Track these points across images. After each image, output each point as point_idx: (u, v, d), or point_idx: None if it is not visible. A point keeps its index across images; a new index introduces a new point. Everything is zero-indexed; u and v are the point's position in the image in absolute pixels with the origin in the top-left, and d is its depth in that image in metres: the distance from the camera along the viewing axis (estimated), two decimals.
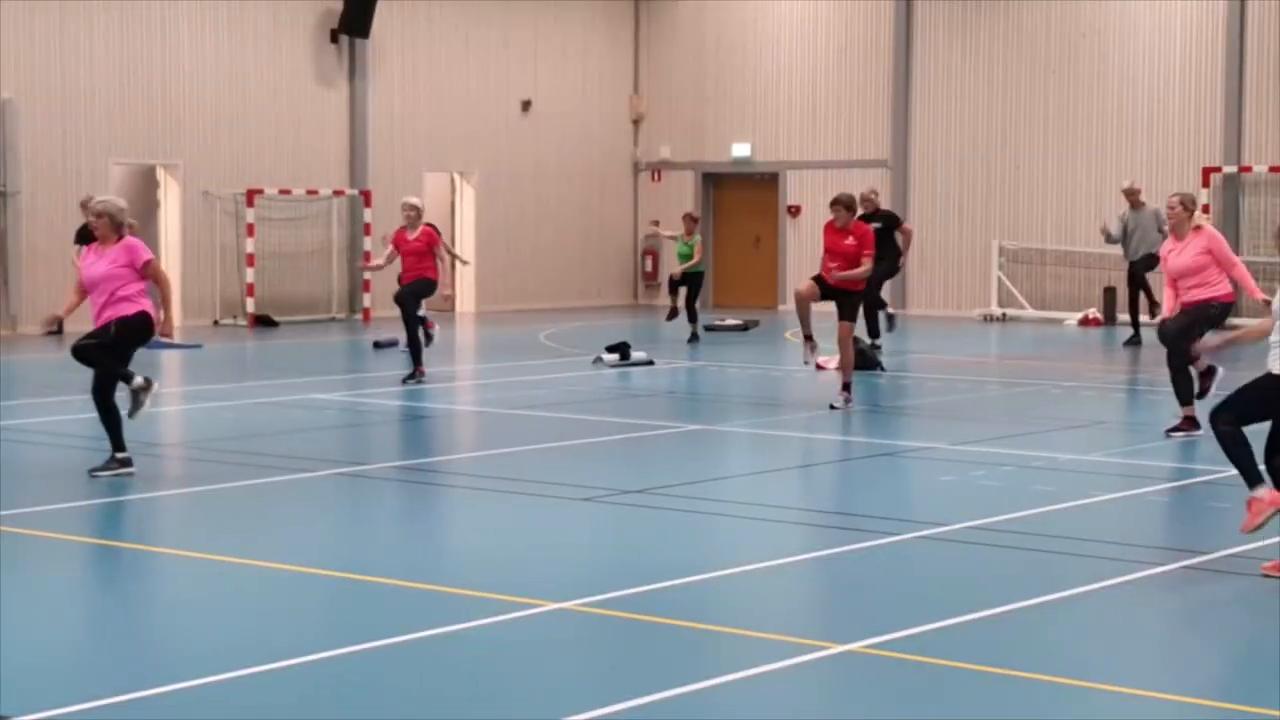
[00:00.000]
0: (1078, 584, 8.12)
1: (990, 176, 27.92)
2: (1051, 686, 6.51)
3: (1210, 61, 25.73)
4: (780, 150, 30.13)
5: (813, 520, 10.21)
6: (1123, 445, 13.20)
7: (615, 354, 19.27)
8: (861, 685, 6.60)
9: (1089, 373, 19.01)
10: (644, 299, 31.35)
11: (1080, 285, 26.95)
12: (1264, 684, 6.82)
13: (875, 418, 15.08)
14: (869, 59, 29.03)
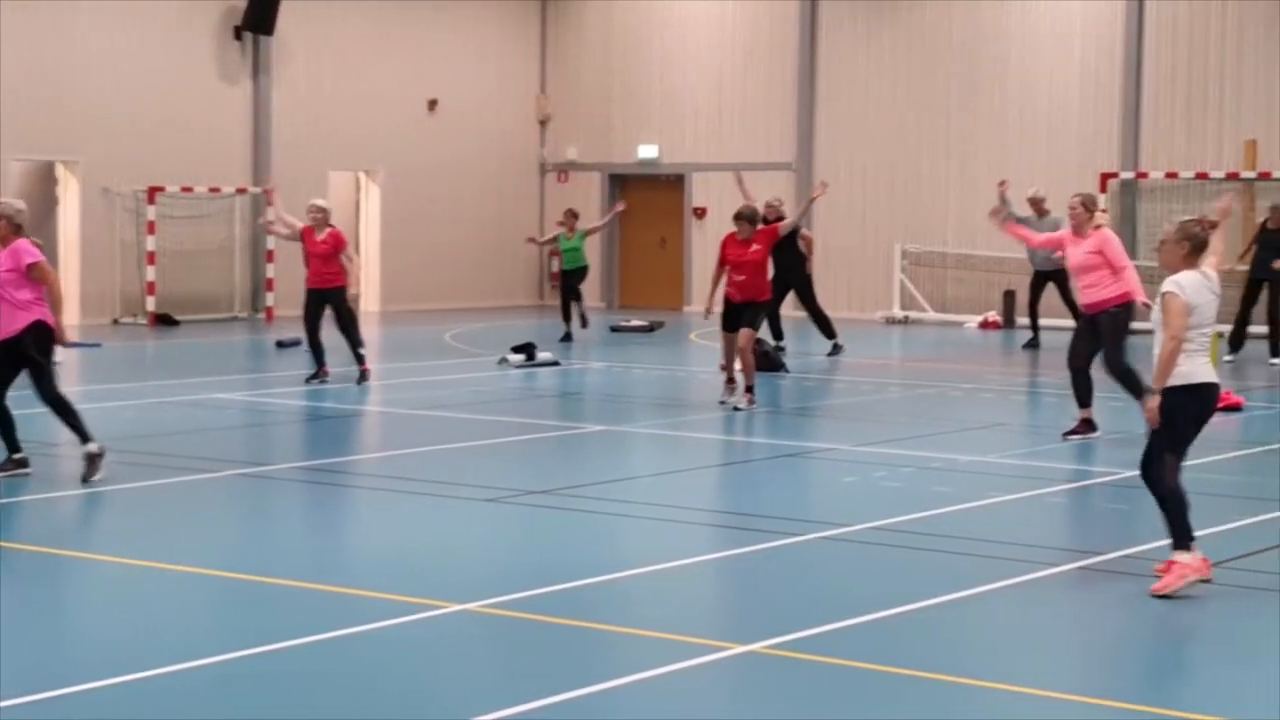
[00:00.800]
0: (976, 584, 8.24)
1: (893, 180, 28.17)
2: (950, 686, 6.61)
3: (1108, 69, 26.12)
4: (686, 152, 30.24)
5: (716, 521, 10.29)
6: (1021, 447, 13.39)
7: (521, 354, 19.27)
8: (763, 685, 6.67)
9: (989, 375, 19.25)
10: (550, 299, 31.34)
11: (981, 288, 27.26)
12: (1155, 683, 6.97)
13: (778, 419, 15.19)
14: (775, 62, 29.20)
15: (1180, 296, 8.26)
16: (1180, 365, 8.26)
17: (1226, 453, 12.71)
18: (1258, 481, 11.74)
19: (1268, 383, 18.23)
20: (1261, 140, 24.84)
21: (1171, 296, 8.27)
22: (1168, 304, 8.27)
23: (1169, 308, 8.25)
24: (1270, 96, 24.83)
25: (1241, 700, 6.44)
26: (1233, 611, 7.95)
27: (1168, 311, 8.25)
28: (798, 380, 18.16)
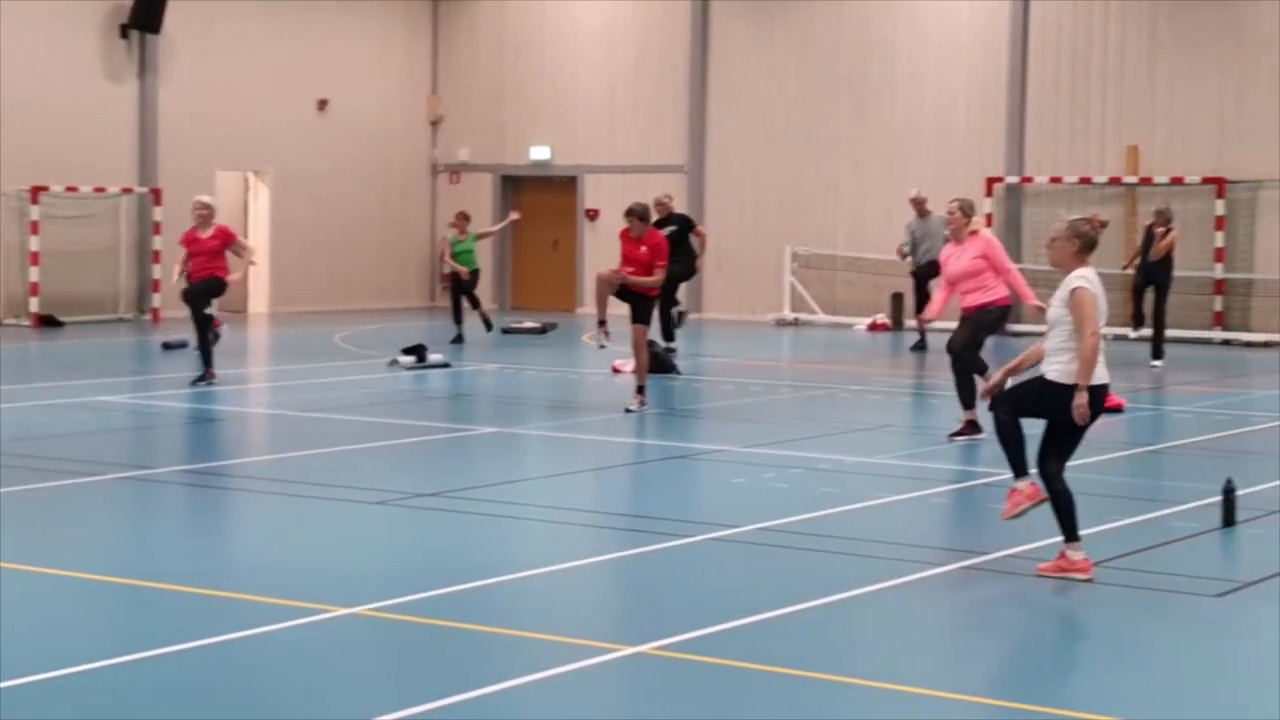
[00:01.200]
0: (862, 584, 8.32)
1: (783, 183, 28.36)
2: (836, 686, 6.67)
3: (994, 75, 26.47)
4: (579, 153, 30.25)
5: (606, 523, 10.30)
6: (908, 448, 13.54)
7: (411, 356, 19.18)
8: (651, 686, 6.70)
9: (876, 377, 19.44)
10: (441, 301, 31.21)
11: (869, 291, 27.52)
12: (1037, 681, 7.08)
13: (669, 420, 15.24)
14: (666, 64, 29.31)
15: (1090, 289, 8.43)
16: (1070, 364, 8.40)
17: (1109, 453, 12.92)
18: (1140, 482, 11.98)
19: (1149, 385, 18.57)
20: (1143, 146, 25.29)
21: (1084, 290, 8.42)
22: (1080, 298, 8.40)
23: (1083, 301, 8.39)
24: (1151, 103, 25.29)
25: (1124, 698, 6.55)
26: (1115, 610, 8.09)
27: (1082, 305, 8.38)
28: (689, 382, 18.24)
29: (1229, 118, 24.73)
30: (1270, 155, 24.40)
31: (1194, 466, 12.46)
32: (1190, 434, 14.38)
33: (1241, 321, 24.72)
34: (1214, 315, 24.72)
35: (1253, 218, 24.59)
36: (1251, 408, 16.65)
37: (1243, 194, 24.59)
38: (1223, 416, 15.69)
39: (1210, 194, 24.62)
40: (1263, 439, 14.26)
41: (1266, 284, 24.60)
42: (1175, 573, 8.74)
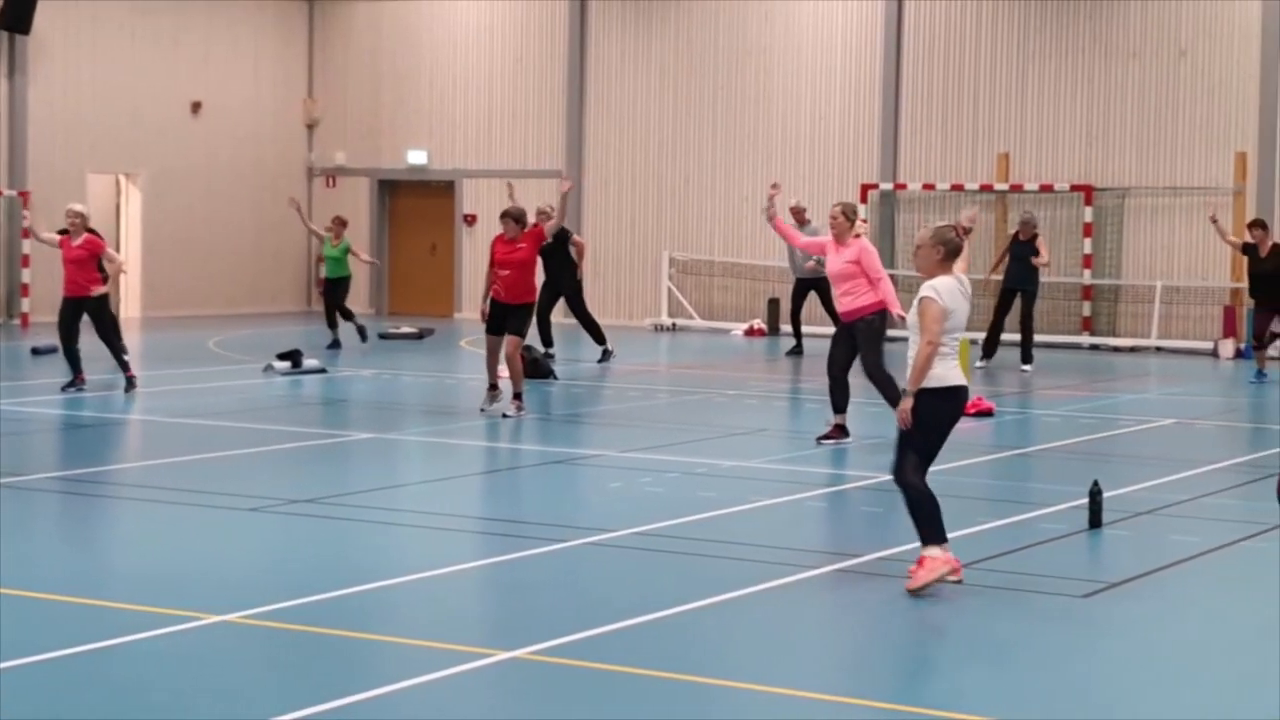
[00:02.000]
0: (736, 588, 8.39)
1: (661, 189, 28.49)
2: (711, 688, 6.73)
3: (868, 84, 26.78)
4: (457, 158, 30.17)
5: (483, 528, 10.31)
6: (783, 452, 13.66)
7: (287, 361, 19.02)
8: (526, 691, 6.71)
9: (753, 381, 19.59)
10: (317, 306, 30.95)
11: (746, 296, 27.73)
12: (906, 682, 7.19)
13: (547, 426, 15.26)
14: (544, 69, 29.32)
15: (938, 301, 8.52)
16: (934, 369, 8.52)
17: (978, 457, 13.14)
18: (1007, 485, 12.18)
19: (1018, 389, 18.89)
20: (1013, 154, 25.72)
21: (929, 301, 8.52)
22: (925, 308, 8.51)
23: (926, 312, 8.49)
24: (1022, 112, 25.73)
25: (990, 697, 6.67)
26: (983, 611, 8.22)
27: (925, 315, 8.49)
28: (566, 387, 18.27)
29: (1096, 126, 25.22)
30: (1137, 162, 24.93)
31: (1062, 469, 12.70)
32: (1058, 437, 14.65)
33: (1109, 327, 25.22)
34: (1082, 320, 25.20)
35: (1120, 224, 25.10)
36: (1118, 411, 16.99)
37: (1110, 201, 25.09)
38: (1090, 420, 16.01)
39: (1078, 201, 25.10)
40: (1129, 442, 14.57)
41: (1133, 290, 25.12)
42: (1042, 574, 8.90)
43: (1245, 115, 24.24)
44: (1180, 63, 24.64)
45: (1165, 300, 24.75)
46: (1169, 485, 11.81)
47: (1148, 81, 24.85)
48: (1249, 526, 10.04)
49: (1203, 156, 24.54)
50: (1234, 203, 24.07)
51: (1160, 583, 8.82)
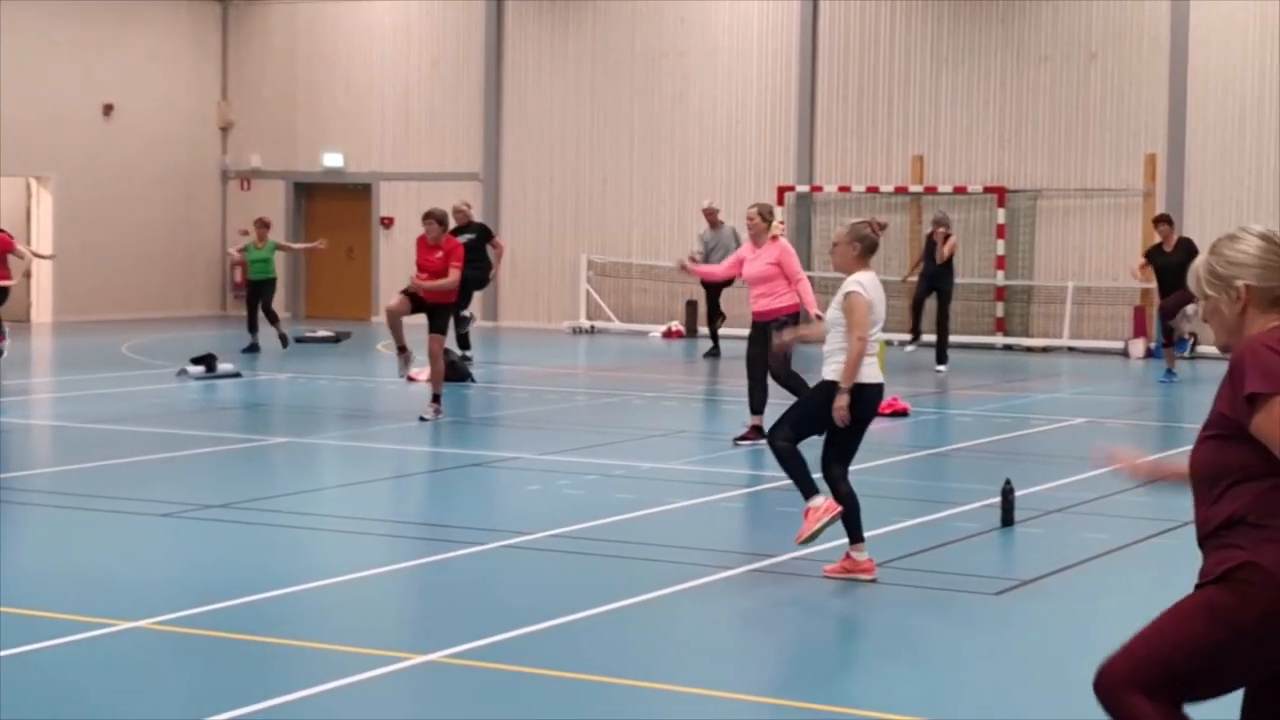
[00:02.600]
0: (654, 589, 8.42)
1: (579, 191, 28.51)
2: (628, 689, 6.75)
3: (784, 86, 26.93)
4: (373, 161, 30.04)
5: (400, 532, 10.28)
6: (700, 453, 13.72)
7: (201, 366, 18.86)
8: (442, 694, 6.71)
9: (671, 383, 19.65)
10: (233, 309, 30.74)
11: (664, 298, 27.80)
12: (821, 680, 7.24)
13: (465, 429, 15.24)
14: (461, 71, 29.25)
15: (864, 296, 8.61)
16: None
17: (893, 457, 13.25)
18: (923, 484, 12.29)
19: (933, 389, 19.06)
20: (927, 156, 25.95)
21: (857, 296, 8.61)
22: (853, 303, 8.60)
23: (855, 306, 8.58)
24: (936, 115, 25.96)
25: (904, 695, 6.73)
26: (897, 609, 8.30)
27: (854, 310, 8.58)
28: (484, 390, 18.24)
29: (1009, 129, 25.49)
30: (1048, 165, 25.22)
31: (975, 469, 12.83)
32: (972, 437, 14.80)
33: (1022, 327, 25.50)
34: (995, 321, 25.46)
35: (1032, 226, 25.38)
36: (1031, 411, 17.18)
37: (1022, 203, 25.37)
38: (1003, 420, 16.18)
39: (991, 203, 25.36)
40: (1041, 441, 14.74)
41: (1046, 290, 25.41)
42: (956, 572, 9.00)
43: (1154, 118, 24.58)
44: (1091, 66, 24.96)
45: (1077, 301, 25.05)
46: (1080, 483, 11.95)
47: (1059, 85, 25.15)
48: (1158, 524, 10.19)
49: (1113, 159, 24.86)
50: (1144, 204, 24.40)
51: (1071, 580, 8.94)
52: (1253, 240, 4.20)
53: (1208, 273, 4.23)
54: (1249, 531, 4.04)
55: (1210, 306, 4.23)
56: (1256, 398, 4.00)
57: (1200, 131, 24.31)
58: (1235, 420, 4.06)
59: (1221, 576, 4.09)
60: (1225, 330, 4.22)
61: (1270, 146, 23.98)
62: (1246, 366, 4.04)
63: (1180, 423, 16.26)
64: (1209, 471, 4.16)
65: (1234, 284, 4.17)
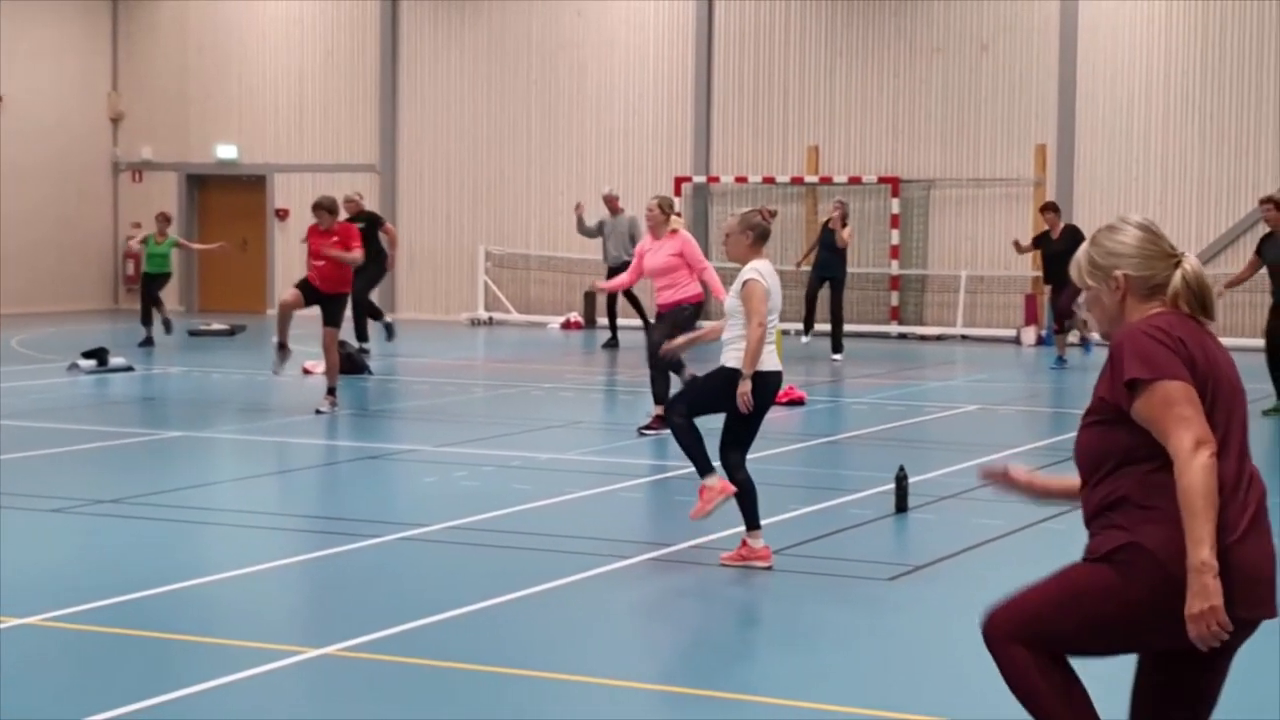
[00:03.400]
0: (550, 579, 8.43)
1: (477, 183, 28.43)
2: (526, 680, 6.75)
3: (681, 77, 27.01)
4: (267, 152, 29.77)
5: (295, 525, 10.21)
6: (599, 444, 13.74)
7: (92, 360, 18.62)
8: (337, 688, 6.68)
9: (569, 374, 19.66)
10: (125, 303, 30.36)
11: (562, 290, 27.80)
12: (717, 667, 7.29)
13: (361, 421, 15.16)
14: (356, 63, 29.06)
15: (762, 282, 8.67)
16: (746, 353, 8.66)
17: (789, 445, 13.35)
18: (818, 472, 12.40)
19: (829, 377, 19.21)
20: (823, 146, 26.13)
21: (754, 283, 8.67)
22: (751, 291, 8.65)
23: (753, 294, 8.64)
24: (831, 106, 26.14)
25: (802, 682, 6.77)
26: (792, 596, 8.37)
27: (752, 298, 8.63)
28: (382, 382, 18.15)
29: (902, 120, 25.73)
30: (941, 155, 25.49)
31: (869, 456, 12.95)
32: (867, 424, 14.94)
33: (916, 316, 25.77)
34: (890, 310, 25.71)
35: (926, 216, 25.65)
36: (925, 398, 17.37)
37: (916, 193, 25.63)
38: (897, 407, 16.34)
39: (886, 193, 25.60)
40: (935, 428, 14.92)
41: (939, 279, 25.69)
42: (850, 558, 9.09)
43: (1044, 109, 24.91)
44: (982, 58, 25.25)
45: (970, 289, 25.35)
46: (973, 469, 12.08)
47: (951, 76, 25.42)
48: (1049, 509, 10.35)
49: (1004, 149, 25.17)
50: (1034, 194, 24.72)
51: (963, 565, 9.06)
52: (1131, 230, 4.29)
53: (1088, 263, 4.31)
54: (1132, 512, 4.13)
55: (1091, 296, 4.32)
56: (1136, 384, 4.08)
57: (1089, 122, 24.68)
58: (1115, 405, 4.15)
59: (1105, 556, 4.18)
60: (1107, 319, 4.31)
61: (1156, 137, 24.40)
62: (1125, 354, 4.13)
63: (1070, 408, 16.50)
64: (1092, 456, 4.24)
65: (1113, 274, 4.25)
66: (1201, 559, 3.95)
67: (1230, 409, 4.18)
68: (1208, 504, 3.96)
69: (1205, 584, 3.95)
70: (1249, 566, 4.08)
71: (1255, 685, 6.56)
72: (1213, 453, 4.01)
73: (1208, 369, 4.14)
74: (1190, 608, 3.98)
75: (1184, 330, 4.17)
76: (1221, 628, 3.97)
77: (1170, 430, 4.03)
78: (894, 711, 6.36)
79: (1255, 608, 4.12)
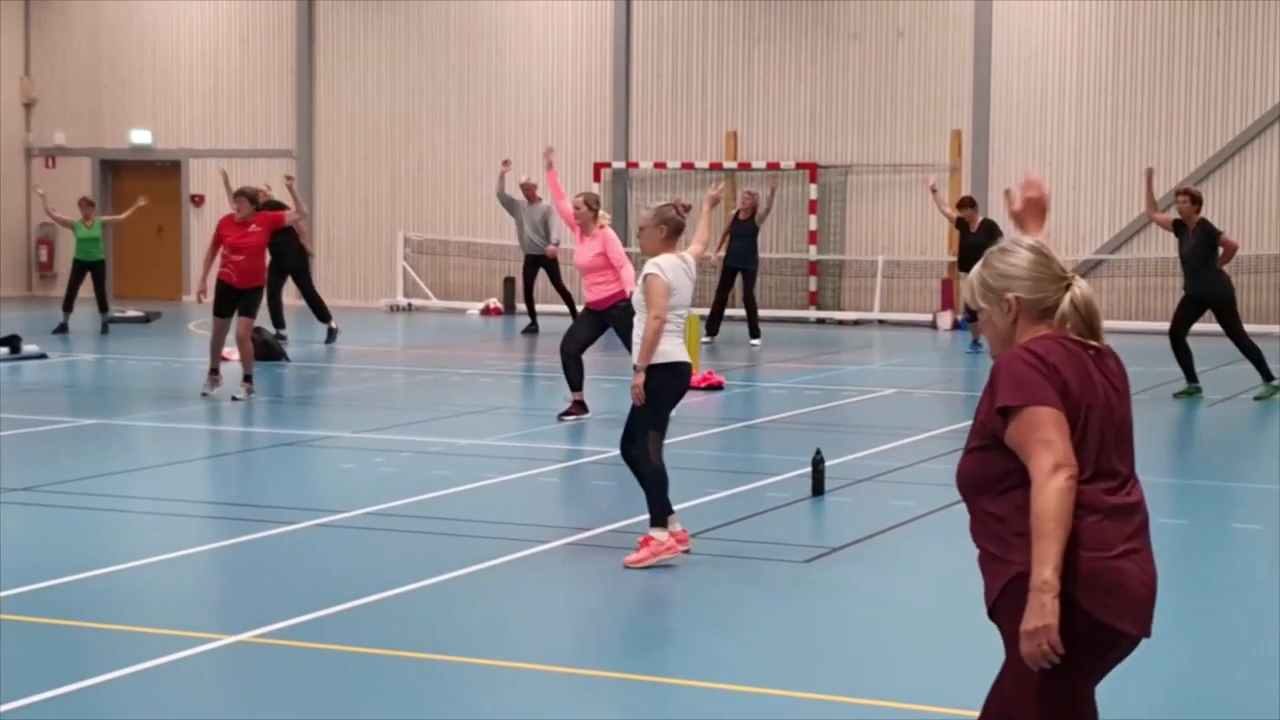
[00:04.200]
0: (469, 564, 8.44)
1: (395, 168, 28.30)
2: (444, 665, 6.76)
3: (600, 64, 27.00)
4: (182, 138, 29.49)
5: (210, 513, 10.16)
6: (518, 429, 13.74)
7: (5, 347, 18.40)
8: (252, 675, 6.66)
9: (489, 360, 19.63)
10: (39, 289, 30.00)
11: (482, 275, 27.74)
12: (636, 650, 7.34)
13: (278, 408, 15.08)
14: (272, 48, 28.84)
15: (661, 278, 8.70)
16: (661, 345, 8.69)
17: (707, 430, 13.41)
18: (735, 456, 12.47)
19: (747, 363, 19.31)
20: (741, 132, 26.22)
21: (653, 278, 8.70)
22: (650, 285, 8.68)
23: (652, 288, 8.67)
24: (749, 92, 26.23)
25: (720, 664, 6.82)
26: (710, 579, 8.41)
27: (650, 292, 8.67)
28: (299, 369, 18.06)
29: (820, 105, 25.85)
30: (858, 141, 25.63)
31: (787, 440, 13.03)
32: (785, 409, 15.03)
33: (834, 301, 25.93)
34: (809, 295, 25.85)
35: (843, 201, 25.80)
36: (842, 383, 17.49)
37: (834, 178, 25.77)
38: (815, 392, 16.44)
39: (804, 179, 25.72)
40: (852, 412, 15.03)
41: (857, 265, 25.85)
42: (767, 541, 9.16)
43: (960, 95, 25.12)
44: (898, 44, 25.41)
45: (887, 274, 25.53)
46: (888, 452, 12.22)
47: (868, 62, 25.57)
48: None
49: (920, 135, 25.35)
50: (950, 180, 24.92)
51: (878, 546, 9.15)
52: (1023, 254, 4.26)
53: (980, 285, 4.31)
54: (1014, 540, 4.11)
55: (985, 317, 4.33)
56: (1008, 410, 4.11)
57: (1003, 108, 24.91)
58: (993, 430, 4.17)
59: (997, 601, 4.16)
60: (999, 340, 4.31)
61: (1070, 123, 24.66)
62: (1001, 380, 4.14)
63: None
64: (972, 483, 4.25)
65: (1005, 296, 4.25)
66: (1044, 578, 3.95)
67: (1110, 434, 4.19)
68: (1056, 525, 3.96)
69: (1043, 603, 3.95)
70: (1127, 582, 4.10)
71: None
72: (1070, 476, 4.00)
73: (1082, 395, 4.14)
74: (1025, 624, 3.97)
75: (1060, 356, 4.15)
76: (1052, 648, 3.96)
77: (1032, 453, 4.04)
78: (810, 692, 6.43)
79: (1136, 623, 4.14)
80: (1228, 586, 8.49)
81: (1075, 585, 4.03)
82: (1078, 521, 4.04)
